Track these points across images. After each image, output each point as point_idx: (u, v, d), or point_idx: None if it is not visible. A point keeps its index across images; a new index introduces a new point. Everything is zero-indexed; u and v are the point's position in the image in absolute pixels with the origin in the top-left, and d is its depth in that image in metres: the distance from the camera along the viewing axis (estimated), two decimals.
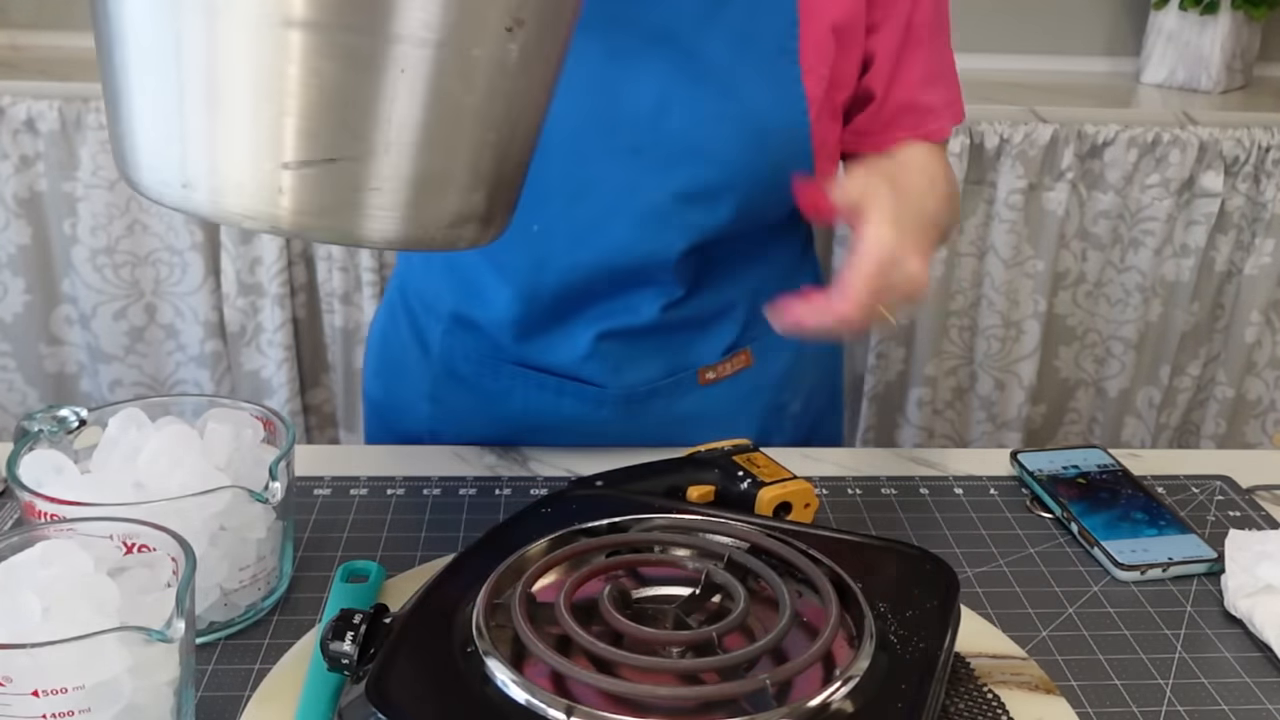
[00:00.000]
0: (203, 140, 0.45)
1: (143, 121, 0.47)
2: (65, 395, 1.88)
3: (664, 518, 0.69)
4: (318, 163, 0.45)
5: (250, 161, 0.45)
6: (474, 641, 0.56)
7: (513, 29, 0.47)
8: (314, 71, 0.43)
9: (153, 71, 0.46)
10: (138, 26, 0.46)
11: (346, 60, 0.44)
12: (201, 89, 0.44)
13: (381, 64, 0.44)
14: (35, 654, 0.51)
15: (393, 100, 0.45)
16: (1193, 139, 1.78)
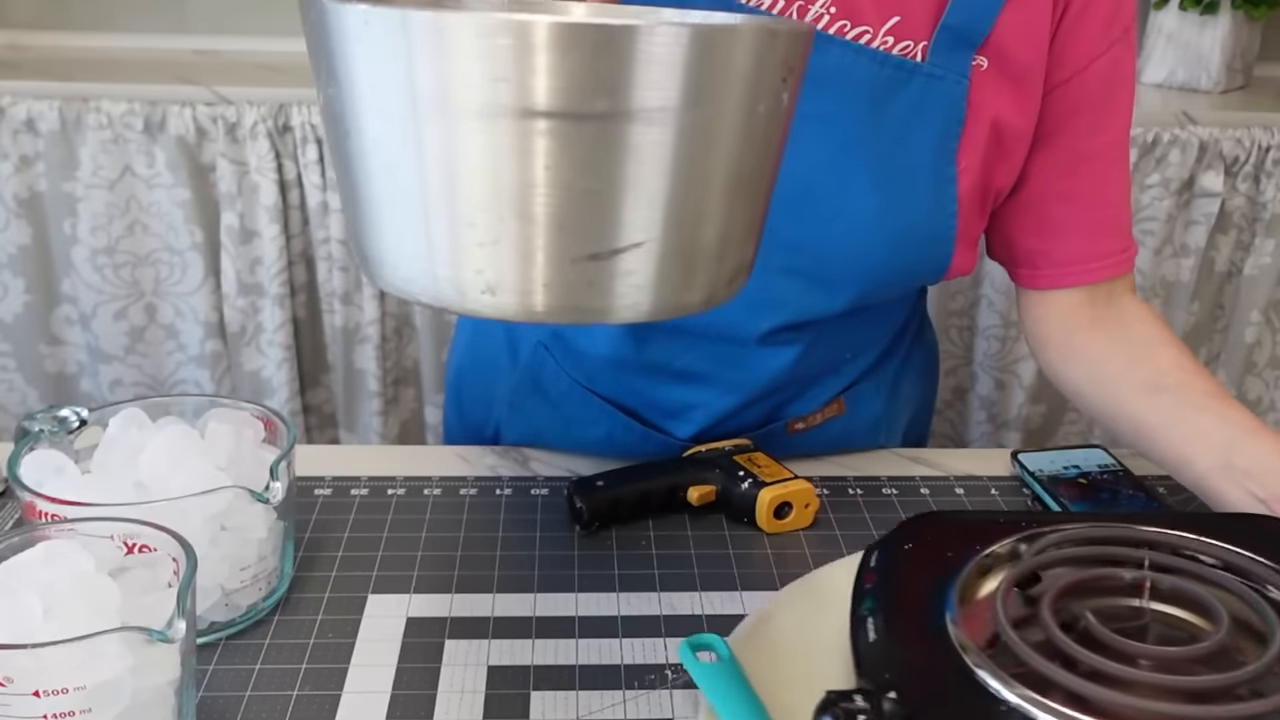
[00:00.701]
0: (509, 248, 0.44)
1: (434, 242, 0.45)
2: (65, 395, 1.88)
3: (1079, 528, 0.65)
4: (625, 249, 0.44)
5: (555, 260, 0.44)
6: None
7: (786, 78, 0.46)
8: (617, 161, 0.42)
9: (436, 193, 0.44)
10: (432, 155, 0.44)
11: (648, 146, 0.43)
12: (508, 204, 0.43)
13: (676, 139, 0.43)
14: (36, 654, 0.51)
15: (691, 173, 0.44)
16: (1193, 139, 1.78)
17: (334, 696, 0.65)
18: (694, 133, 0.43)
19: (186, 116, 1.69)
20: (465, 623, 0.72)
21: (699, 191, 0.45)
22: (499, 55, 0.40)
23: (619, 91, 0.41)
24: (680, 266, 0.46)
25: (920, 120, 0.80)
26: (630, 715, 0.65)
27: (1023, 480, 0.89)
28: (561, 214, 0.43)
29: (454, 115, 0.42)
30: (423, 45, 0.41)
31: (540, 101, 0.41)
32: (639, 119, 0.42)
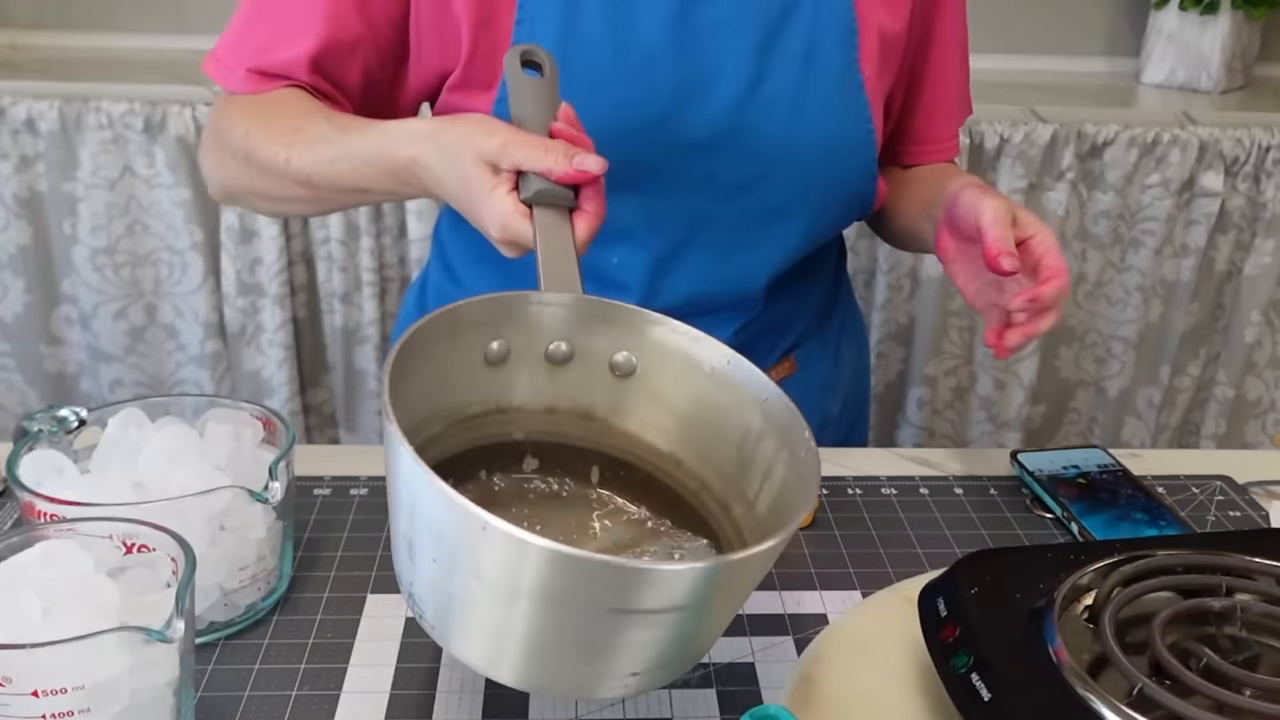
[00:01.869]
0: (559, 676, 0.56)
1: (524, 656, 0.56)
2: (65, 395, 1.88)
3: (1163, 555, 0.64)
4: (645, 671, 0.55)
5: (614, 675, 0.55)
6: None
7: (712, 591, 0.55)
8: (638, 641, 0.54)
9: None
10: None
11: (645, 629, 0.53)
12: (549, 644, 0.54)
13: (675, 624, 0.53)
14: (35, 654, 0.51)
15: (695, 637, 0.56)
16: (1193, 139, 1.78)
17: (333, 696, 0.65)
18: (707, 613, 0.55)
19: (186, 116, 1.69)
20: None
21: (694, 642, 0.56)
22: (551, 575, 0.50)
23: (689, 595, 0.52)
24: (672, 669, 0.57)
25: (821, 34, 0.87)
26: (630, 715, 0.65)
27: (1022, 480, 0.89)
28: (626, 656, 0.54)
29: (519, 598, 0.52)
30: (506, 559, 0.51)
31: (639, 607, 0.52)
32: (685, 608, 0.52)
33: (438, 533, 0.52)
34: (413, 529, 0.54)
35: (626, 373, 0.67)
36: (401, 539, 0.57)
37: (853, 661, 0.66)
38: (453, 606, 0.54)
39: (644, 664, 0.55)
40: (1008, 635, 0.58)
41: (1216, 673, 0.55)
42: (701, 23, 0.84)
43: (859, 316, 1.11)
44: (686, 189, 0.87)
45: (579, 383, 0.67)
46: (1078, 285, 1.90)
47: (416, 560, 0.55)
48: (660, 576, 0.51)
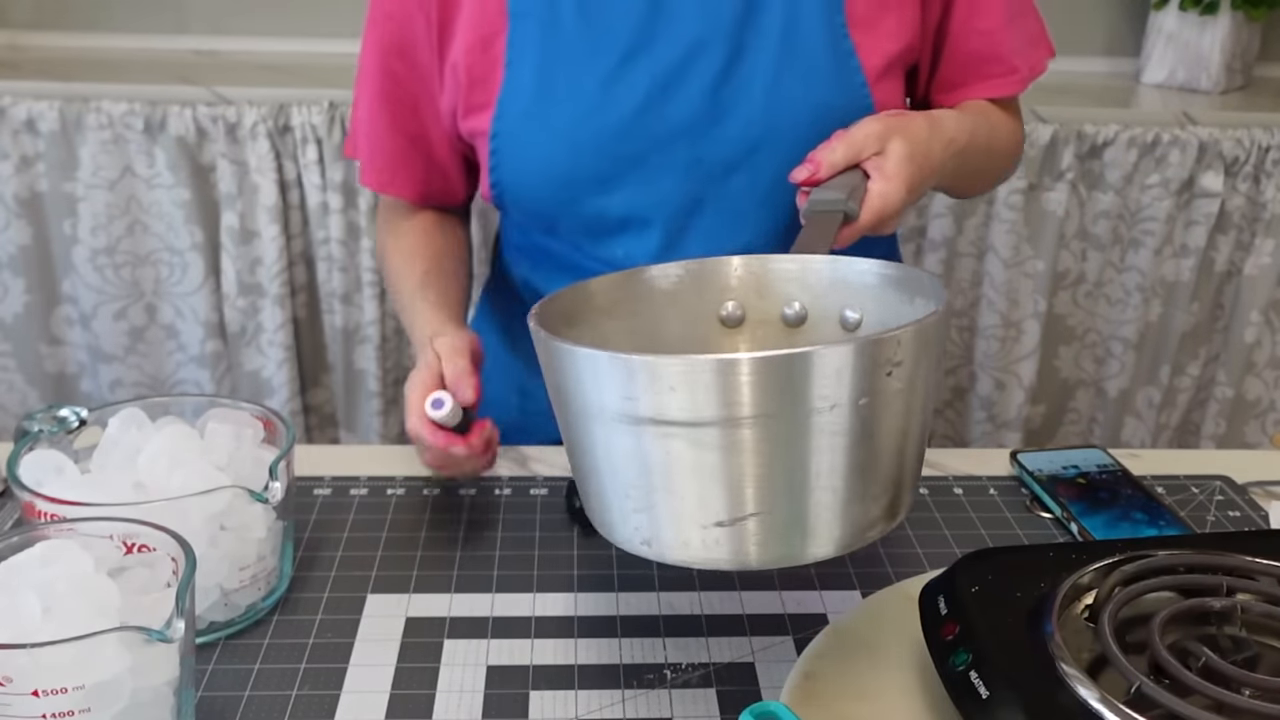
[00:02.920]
0: (659, 516, 0.58)
1: (603, 508, 0.61)
2: (65, 395, 1.88)
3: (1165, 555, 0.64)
4: (745, 518, 0.55)
5: (689, 526, 0.56)
6: None
7: (892, 372, 0.55)
8: (738, 457, 0.54)
9: (617, 477, 0.59)
10: (613, 456, 0.58)
11: (763, 443, 0.54)
12: (638, 487, 0.57)
13: (786, 436, 0.54)
14: (35, 654, 0.51)
15: (795, 462, 0.55)
16: (1193, 139, 1.78)
17: (333, 696, 0.65)
18: (782, 434, 0.54)
19: (186, 117, 1.69)
20: (464, 622, 0.72)
21: (799, 477, 0.55)
22: (632, 380, 0.54)
23: (720, 408, 0.53)
24: (795, 528, 0.57)
25: (799, 8, 0.87)
26: (629, 715, 0.65)
27: (1022, 480, 0.89)
28: (690, 492, 0.55)
29: (610, 421, 0.56)
30: (590, 372, 0.56)
31: (667, 415, 0.54)
32: (736, 425, 0.53)
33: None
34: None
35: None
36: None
37: (853, 659, 0.66)
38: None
39: (721, 507, 0.55)
40: (1007, 634, 0.58)
41: (1216, 672, 0.55)
42: (672, 11, 0.86)
43: None
44: (675, 176, 0.89)
45: None
46: (1078, 285, 1.90)
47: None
48: (827, 357, 0.52)
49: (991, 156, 0.95)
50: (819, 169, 0.79)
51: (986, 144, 0.92)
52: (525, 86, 0.89)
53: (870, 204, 0.78)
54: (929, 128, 0.83)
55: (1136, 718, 0.52)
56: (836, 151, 0.79)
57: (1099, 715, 0.52)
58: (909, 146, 0.80)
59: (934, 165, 0.82)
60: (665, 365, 0.53)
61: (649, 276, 0.72)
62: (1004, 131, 0.97)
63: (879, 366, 0.54)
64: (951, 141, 0.85)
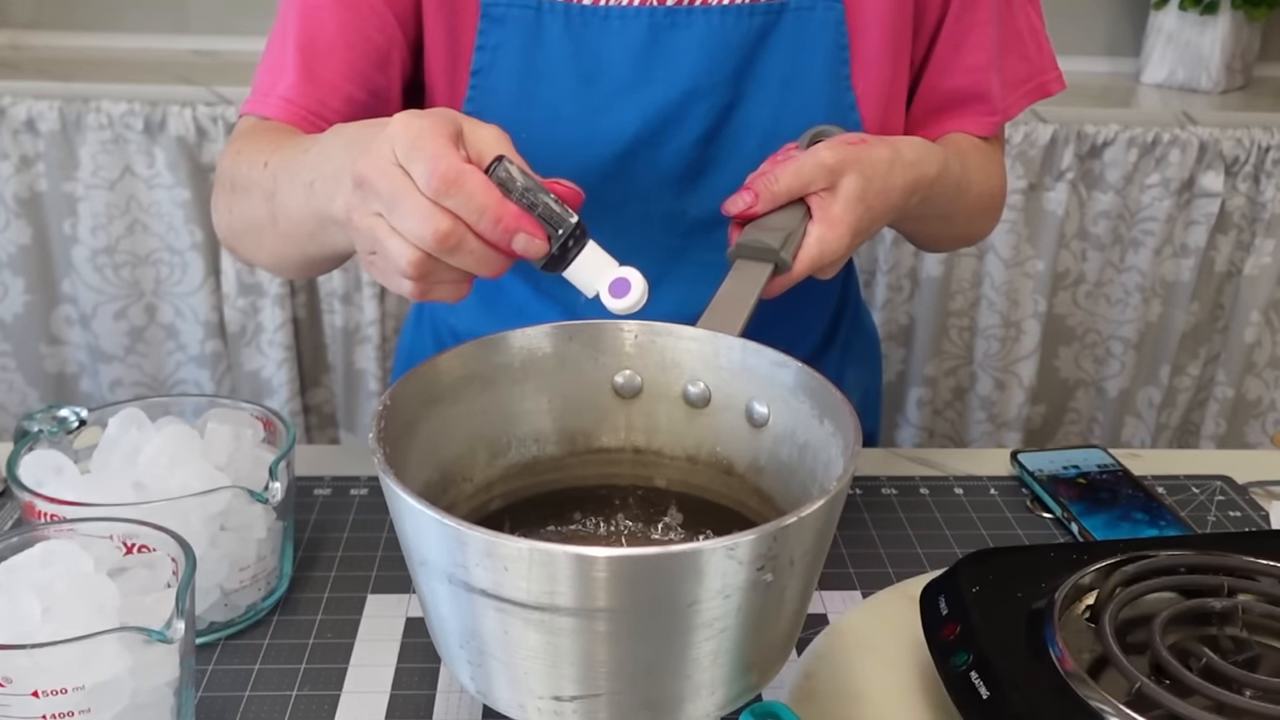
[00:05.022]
0: (493, 678, 0.54)
1: (445, 642, 0.56)
2: (65, 395, 1.88)
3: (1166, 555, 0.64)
4: (585, 697, 0.51)
5: (524, 695, 0.53)
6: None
7: (764, 566, 0.50)
8: (580, 643, 0.50)
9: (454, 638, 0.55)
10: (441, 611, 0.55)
11: (592, 635, 0.50)
12: (477, 649, 0.53)
13: (623, 632, 0.50)
14: (35, 654, 0.51)
15: (646, 655, 0.51)
16: (1193, 139, 1.78)
17: (333, 696, 0.65)
18: (634, 629, 0.49)
19: (186, 117, 1.69)
20: None
21: (650, 667, 0.51)
22: (464, 550, 0.49)
23: (565, 598, 0.48)
24: (644, 711, 0.52)
25: (803, 57, 0.80)
26: None
27: (1022, 480, 0.89)
28: (524, 667, 0.51)
29: (442, 578, 0.51)
30: (415, 527, 0.51)
31: (503, 594, 0.49)
32: (580, 615, 0.49)
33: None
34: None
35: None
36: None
37: (854, 659, 0.66)
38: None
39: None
40: (1008, 634, 0.58)
41: (1216, 673, 0.55)
42: (673, 50, 0.79)
43: (869, 337, 1.06)
44: (655, 226, 0.83)
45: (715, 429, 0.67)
46: (1078, 285, 1.90)
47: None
48: (687, 558, 0.48)
49: (963, 197, 0.84)
50: (756, 201, 0.70)
51: (959, 182, 0.81)
52: (496, 104, 0.80)
53: (806, 252, 0.69)
54: (890, 159, 0.72)
55: (1137, 718, 0.52)
56: (780, 182, 0.69)
57: (1100, 716, 0.52)
58: (863, 184, 0.70)
59: (890, 204, 0.72)
60: (507, 546, 0.47)
61: (519, 342, 0.64)
62: (982, 174, 0.88)
63: (751, 563, 0.49)
64: (918, 177, 0.74)
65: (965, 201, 0.85)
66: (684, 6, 0.79)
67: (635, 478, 0.68)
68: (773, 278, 0.68)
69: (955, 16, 0.85)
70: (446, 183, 0.54)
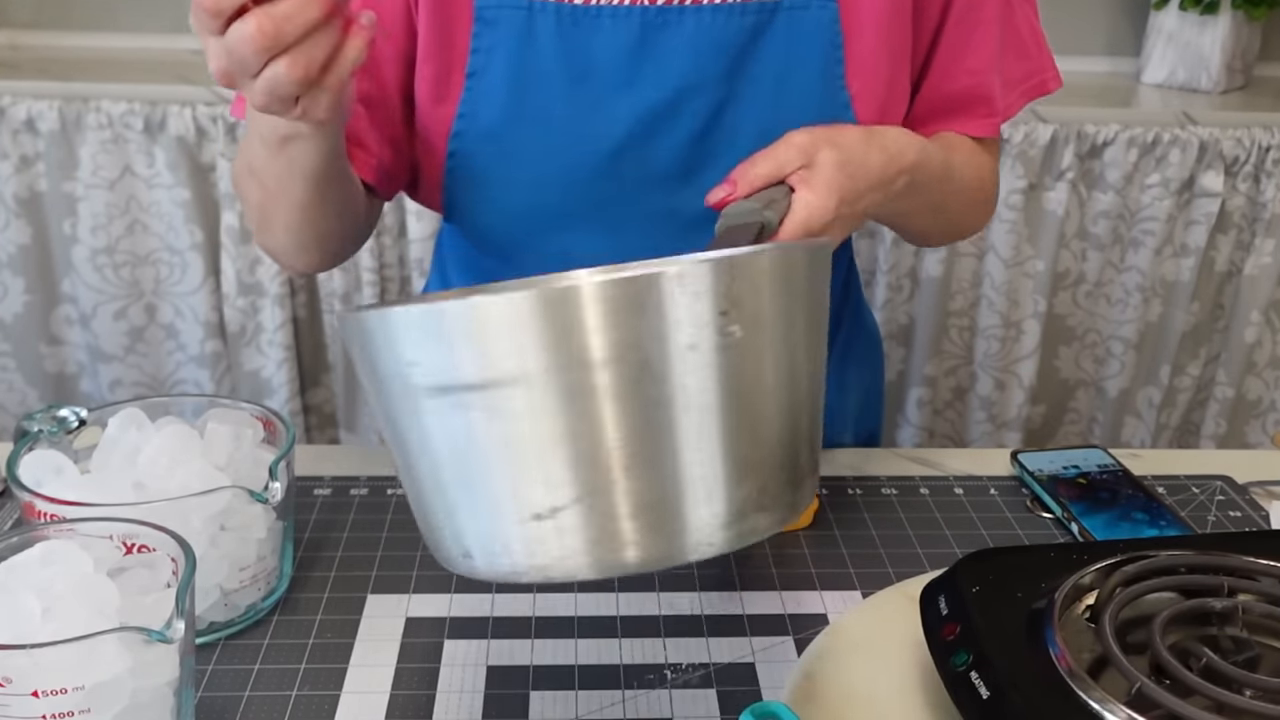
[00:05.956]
0: (464, 516, 0.48)
1: (425, 514, 0.52)
2: (65, 395, 1.88)
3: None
4: (564, 508, 0.45)
5: (506, 522, 0.46)
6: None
7: (728, 311, 0.45)
8: (538, 424, 0.45)
9: (422, 474, 0.50)
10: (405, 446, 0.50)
11: (549, 408, 0.44)
12: (447, 477, 0.48)
13: (581, 397, 0.44)
14: (35, 654, 0.51)
15: (613, 427, 0.45)
16: (1193, 139, 1.78)
17: (333, 696, 0.65)
18: (597, 392, 0.44)
19: (186, 116, 1.69)
20: (464, 623, 0.72)
21: (631, 447, 0.45)
22: (412, 342, 0.45)
23: (504, 363, 0.43)
24: (636, 520, 0.46)
25: (796, 56, 0.81)
26: (629, 715, 0.65)
27: (1022, 480, 0.89)
28: (496, 475, 0.45)
29: (413, 398, 0.46)
30: (360, 339, 0.47)
31: (459, 378, 0.44)
32: (530, 385, 0.43)
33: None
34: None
35: None
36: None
37: (854, 659, 0.66)
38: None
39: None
40: (1008, 634, 0.58)
41: (1216, 673, 0.55)
42: (664, 49, 0.80)
43: (871, 337, 1.05)
44: (645, 226, 0.83)
45: None
46: (1078, 285, 1.90)
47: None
48: (636, 284, 0.44)
49: (950, 188, 0.84)
50: (736, 188, 0.71)
51: (943, 171, 0.82)
52: (490, 104, 0.81)
53: (794, 214, 0.69)
54: (865, 137, 0.74)
55: (1137, 718, 0.52)
56: (757, 166, 0.71)
57: (1100, 716, 0.52)
58: (839, 155, 0.71)
59: (873, 177, 0.73)
60: (447, 311, 0.44)
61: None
62: (972, 166, 0.88)
63: (713, 304, 0.44)
64: (897, 155, 0.75)
65: (952, 189, 0.85)
66: (675, 6, 0.79)
67: None
68: (757, 239, 0.67)
69: (958, 18, 0.85)
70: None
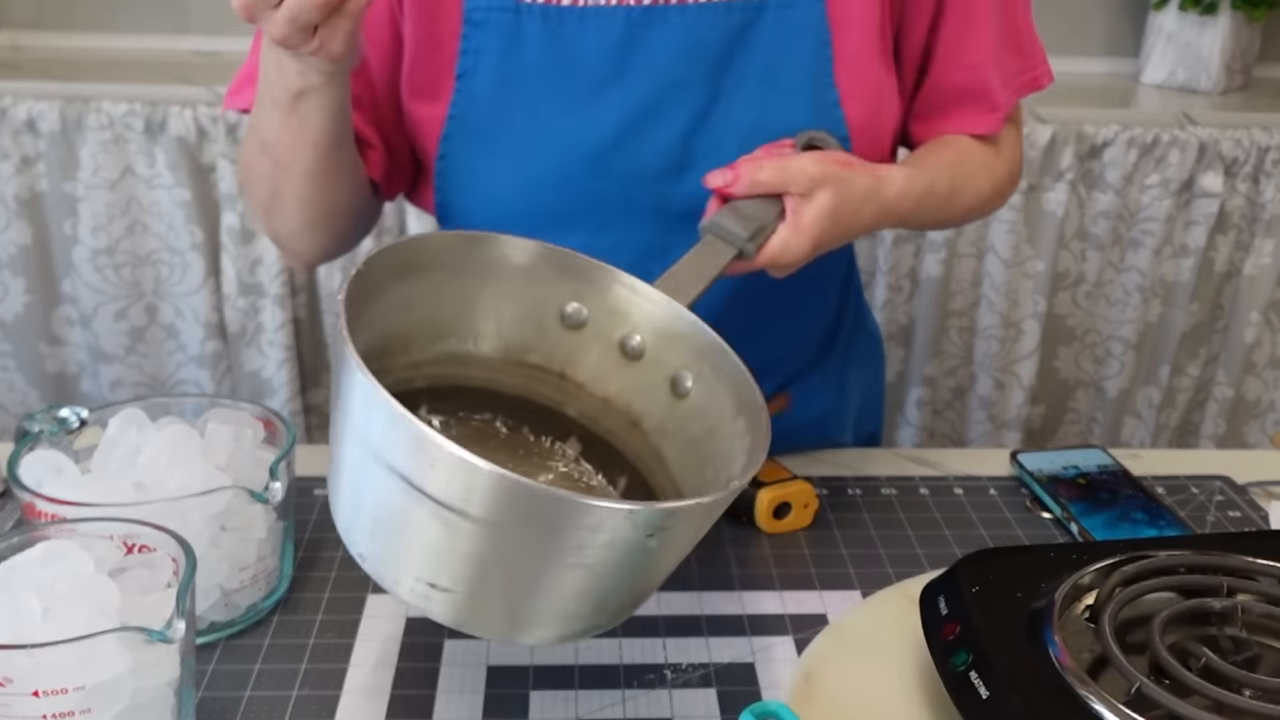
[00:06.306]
0: (381, 549, 0.57)
1: (342, 505, 0.59)
2: (66, 395, 1.88)
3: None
4: (453, 590, 0.55)
5: (404, 571, 0.56)
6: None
7: (653, 534, 0.54)
8: (468, 544, 0.53)
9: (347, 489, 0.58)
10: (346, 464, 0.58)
11: (478, 539, 0.53)
12: (364, 509, 0.57)
13: (525, 554, 0.53)
14: (35, 654, 0.51)
15: (523, 575, 0.54)
16: (1192, 139, 1.78)
17: (334, 696, 0.65)
18: (523, 552, 0.53)
19: (187, 117, 1.69)
20: None
21: (522, 586, 0.55)
22: (400, 439, 0.52)
23: (474, 506, 0.51)
24: (506, 619, 0.57)
25: (784, 54, 0.81)
26: (629, 715, 0.65)
27: (1022, 480, 0.89)
28: (415, 549, 0.55)
29: (368, 452, 0.54)
30: (364, 403, 0.54)
31: (423, 486, 0.52)
32: (482, 525, 0.52)
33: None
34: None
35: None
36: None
37: (854, 658, 0.66)
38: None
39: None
40: (1008, 634, 0.58)
41: (1215, 673, 0.55)
42: (650, 48, 0.80)
43: (872, 338, 1.06)
44: (636, 223, 0.83)
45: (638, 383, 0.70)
46: (1077, 285, 1.90)
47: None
48: (592, 511, 0.51)
49: (953, 206, 0.86)
50: (737, 182, 0.73)
51: (946, 196, 0.84)
52: (479, 105, 0.82)
53: (769, 248, 0.72)
54: (867, 192, 0.75)
55: (1136, 718, 0.52)
56: (763, 172, 0.72)
57: (1099, 715, 0.52)
58: (836, 204, 0.73)
59: (856, 228, 0.76)
60: (439, 447, 0.51)
61: (502, 246, 0.68)
62: (979, 179, 0.88)
63: (644, 529, 0.53)
64: (889, 209, 0.78)
65: (956, 209, 0.87)
66: (660, 5, 0.79)
67: (550, 399, 0.72)
68: (734, 262, 0.72)
69: (955, 14, 0.85)
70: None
